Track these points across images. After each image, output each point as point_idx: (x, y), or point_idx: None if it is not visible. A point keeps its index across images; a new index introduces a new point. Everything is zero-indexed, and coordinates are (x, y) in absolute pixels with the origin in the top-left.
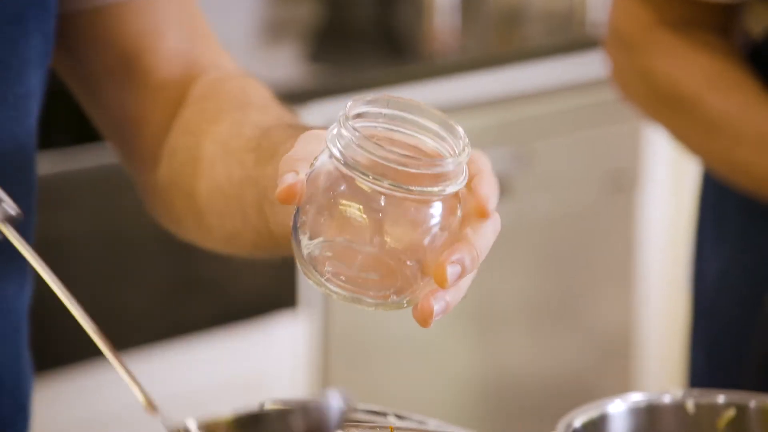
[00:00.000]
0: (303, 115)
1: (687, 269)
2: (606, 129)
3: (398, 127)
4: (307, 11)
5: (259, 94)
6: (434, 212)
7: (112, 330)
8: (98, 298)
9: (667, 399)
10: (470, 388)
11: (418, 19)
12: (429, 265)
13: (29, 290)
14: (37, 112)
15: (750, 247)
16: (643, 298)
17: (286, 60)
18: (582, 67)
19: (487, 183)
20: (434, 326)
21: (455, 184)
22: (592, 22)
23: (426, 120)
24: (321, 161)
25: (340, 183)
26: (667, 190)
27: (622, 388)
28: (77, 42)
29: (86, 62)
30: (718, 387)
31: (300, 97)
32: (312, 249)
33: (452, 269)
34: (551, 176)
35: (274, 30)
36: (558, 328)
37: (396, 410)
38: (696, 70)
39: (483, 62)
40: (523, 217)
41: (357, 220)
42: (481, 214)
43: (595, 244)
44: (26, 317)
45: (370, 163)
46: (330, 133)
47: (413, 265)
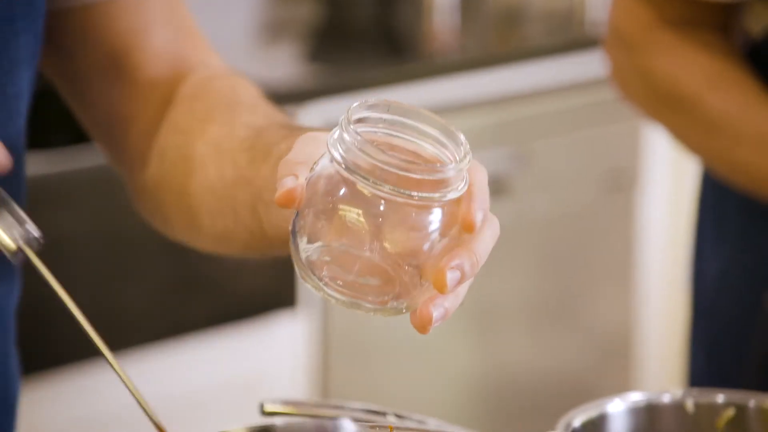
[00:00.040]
0: (302, 115)
1: (687, 269)
2: (605, 128)
3: (399, 133)
4: (306, 11)
5: (249, 93)
6: (434, 218)
7: (112, 330)
8: (97, 298)
9: (666, 399)
10: (470, 388)
11: (418, 18)
12: (428, 270)
13: (17, 291)
14: (25, 113)
15: (750, 247)
16: (642, 297)
17: (285, 60)
18: (581, 66)
19: (477, 197)
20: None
21: (456, 191)
22: (592, 21)
23: (427, 126)
24: (321, 165)
25: (340, 187)
26: (666, 190)
27: (622, 388)
28: (66, 40)
29: (74, 60)
30: (718, 387)
31: (299, 96)
32: (310, 253)
33: (452, 275)
34: (550, 176)
35: (273, 30)
36: (557, 327)
37: (396, 410)
38: (696, 69)
39: (482, 62)
40: (522, 216)
41: (356, 225)
42: (468, 228)
43: (595, 243)
44: (14, 318)
45: (371, 168)
46: (331, 137)
47: (412, 271)
